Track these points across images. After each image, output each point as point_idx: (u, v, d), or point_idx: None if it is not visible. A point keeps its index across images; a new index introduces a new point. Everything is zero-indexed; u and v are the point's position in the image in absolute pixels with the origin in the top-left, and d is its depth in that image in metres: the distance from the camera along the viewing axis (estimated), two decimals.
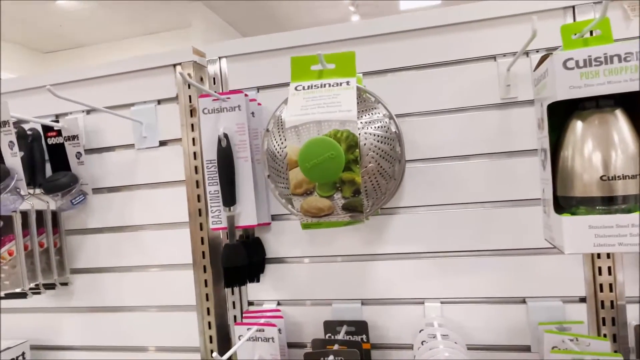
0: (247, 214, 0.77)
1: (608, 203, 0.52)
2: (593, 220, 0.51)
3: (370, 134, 0.57)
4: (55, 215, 0.93)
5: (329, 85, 0.58)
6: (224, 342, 0.89)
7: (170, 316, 0.91)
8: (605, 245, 0.51)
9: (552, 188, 0.57)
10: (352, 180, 0.54)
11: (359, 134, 0.55)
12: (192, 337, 0.89)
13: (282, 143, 0.60)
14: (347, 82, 0.57)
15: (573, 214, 0.54)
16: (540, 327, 0.71)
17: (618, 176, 0.51)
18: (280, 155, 0.60)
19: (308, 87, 0.58)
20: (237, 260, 0.76)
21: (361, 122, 0.57)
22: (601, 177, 0.52)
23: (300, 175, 0.55)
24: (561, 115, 0.58)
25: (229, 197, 0.75)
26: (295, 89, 0.59)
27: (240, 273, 0.77)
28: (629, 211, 0.51)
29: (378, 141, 0.56)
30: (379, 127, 0.58)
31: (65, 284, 0.95)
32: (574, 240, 0.52)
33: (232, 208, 0.76)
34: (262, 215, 0.80)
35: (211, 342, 0.88)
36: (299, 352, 0.86)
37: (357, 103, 0.56)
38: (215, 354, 0.63)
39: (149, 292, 0.92)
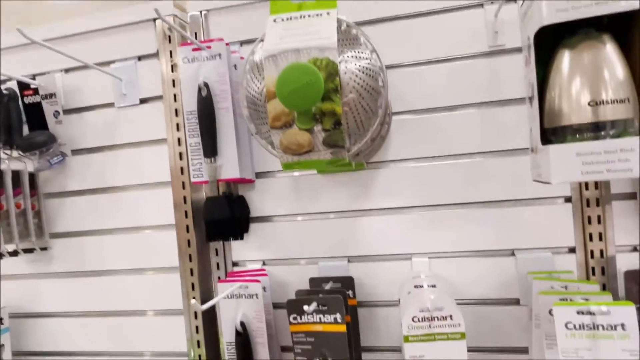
0: (229, 167, 0.75)
1: (596, 129, 0.50)
2: (580, 147, 0.50)
3: (351, 64, 0.55)
4: (33, 177, 0.90)
5: (309, 16, 0.56)
6: None
7: (153, 279, 0.89)
8: (593, 173, 0.50)
9: (539, 124, 0.55)
10: (332, 111, 0.52)
11: (339, 63, 0.53)
12: (175, 300, 0.87)
13: (259, 75, 0.57)
14: (327, 13, 0.55)
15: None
16: (530, 275, 0.69)
17: (606, 101, 0.50)
18: (258, 88, 0.57)
19: (287, 18, 0.56)
20: (219, 213, 0.74)
21: (342, 52, 0.55)
22: (589, 103, 0.50)
23: (278, 106, 0.52)
24: (548, 54, 0.57)
25: (210, 147, 0.73)
26: (274, 21, 0.57)
27: (222, 227, 0.75)
28: (618, 137, 0.49)
29: (360, 71, 0.54)
30: (360, 58, 0.56)
31: (45, 248, 0.92)
32: (560, 170, 0.51)
33: (213, 159, 0.74)
34: (245, 169, 0.78)
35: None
36: (285, 313, 0.84)
37: (338, 34, 0.54)
38: (193, 301, 0.61)
39: (131, 254, 0.89)
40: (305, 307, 0.59)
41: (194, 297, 0.63)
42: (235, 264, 0.86)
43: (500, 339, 0.76)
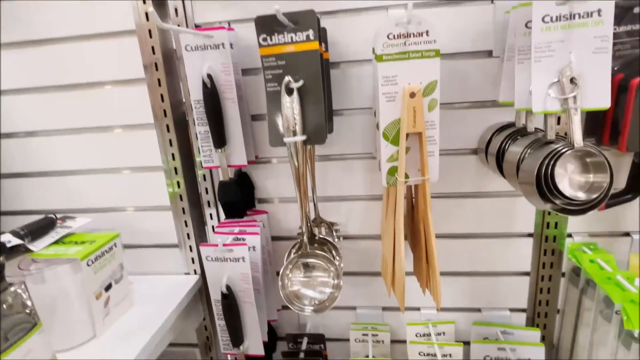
0: None
1: None
2: None
3: None
4: None
5: None
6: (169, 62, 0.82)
7: (109, 46, 0.81)
8: None
9: None
10: None
11: None
12: (136, 68, 0.81)
13: None
14: None
15: None
16: (506, 14, 0.67)
17: None
18: None
19: None
20: None
21: None
22: None
23: None
24: None
25: None
26: None
27: None
28: None
29: None
30: None
31: None
32: None
33: None
34: None
35: (157, 69, 0.80)
36: (254, 79, 0.81)
37: None
38: (150, 10, 0.55)
39: (82, 18, 0.80)
40: (276, 7, 0.55)
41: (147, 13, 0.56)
42: (197, 26, 0.80)
43: (470, 93, 0.77)
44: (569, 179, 0.55)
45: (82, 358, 0.69)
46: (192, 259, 0.92)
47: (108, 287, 0.76)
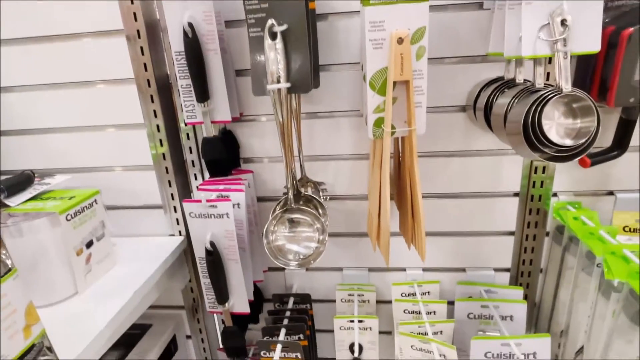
0: None
1: None
2: None
3: None
4: None
5: None
6: None
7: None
8: None
9: None
10: None
11: None
12: (114, 19, 0.77)
13: None
14: None
15: None
16: None
17: None
18: None
19: None
20: None
21: None
22: None
23: None
24: None
25: None
26: None
27: None
28: None
29: None
30: None
31: None
32: None
33: None
34: None
35: (136, 20, 0.77)
36: (239, 30, 0.78)
37: None
38: None
39: None
40: None
41: None
42: None
43: (459, 47, 0.75)
44: (556, 127, 0.55)
45: (63, 313, 0.68)
46: (177, 219, 0.91)
47: (89, 244, 0.75)
